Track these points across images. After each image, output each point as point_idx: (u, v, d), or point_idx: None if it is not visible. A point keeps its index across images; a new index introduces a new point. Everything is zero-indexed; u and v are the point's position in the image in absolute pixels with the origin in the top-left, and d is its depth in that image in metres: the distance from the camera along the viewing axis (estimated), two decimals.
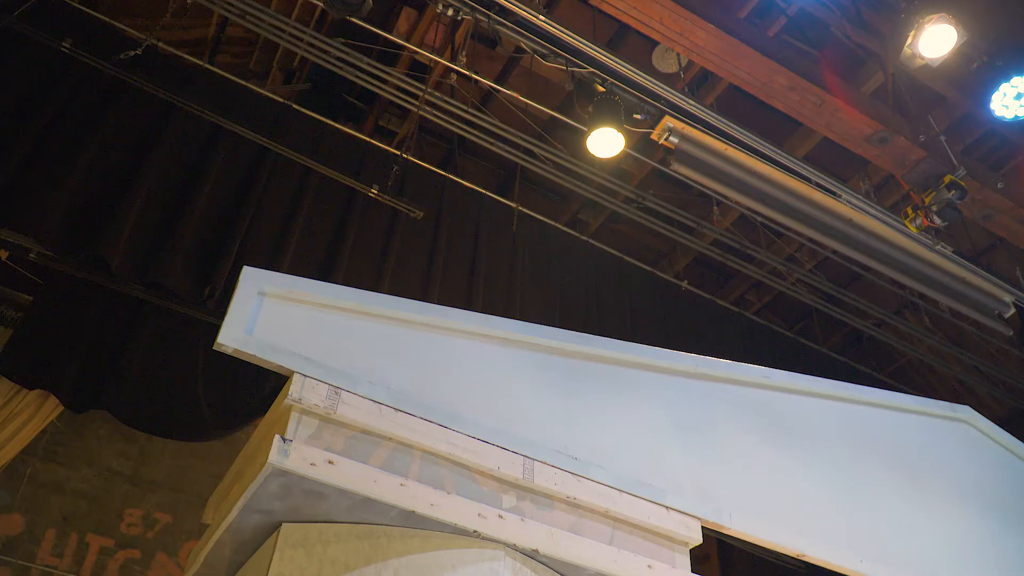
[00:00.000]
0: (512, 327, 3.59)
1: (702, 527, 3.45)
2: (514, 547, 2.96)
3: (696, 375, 3.95)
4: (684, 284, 7.63)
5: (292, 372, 2.91)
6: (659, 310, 7.35)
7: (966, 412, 4.81)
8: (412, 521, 2.87)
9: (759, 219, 7.31)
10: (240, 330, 2.89)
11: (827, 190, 6.04)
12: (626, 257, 7.46)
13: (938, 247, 6.08)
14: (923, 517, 4.30)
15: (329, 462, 2.77)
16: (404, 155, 6.21)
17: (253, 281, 3.02)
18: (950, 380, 8.62)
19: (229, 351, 2.86)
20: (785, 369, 4.35)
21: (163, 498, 6.55)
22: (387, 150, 6.46)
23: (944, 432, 4.74)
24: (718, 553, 8.81)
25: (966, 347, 8.19)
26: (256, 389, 5.68)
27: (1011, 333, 6.65)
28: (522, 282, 6.49)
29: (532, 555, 2.99)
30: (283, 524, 2.88)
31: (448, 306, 3.57)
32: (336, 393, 2.93)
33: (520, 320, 3.69)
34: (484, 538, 2.92)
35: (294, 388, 2.87)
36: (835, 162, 7.07)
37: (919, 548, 4.13)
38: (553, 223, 7.20)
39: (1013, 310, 6.39)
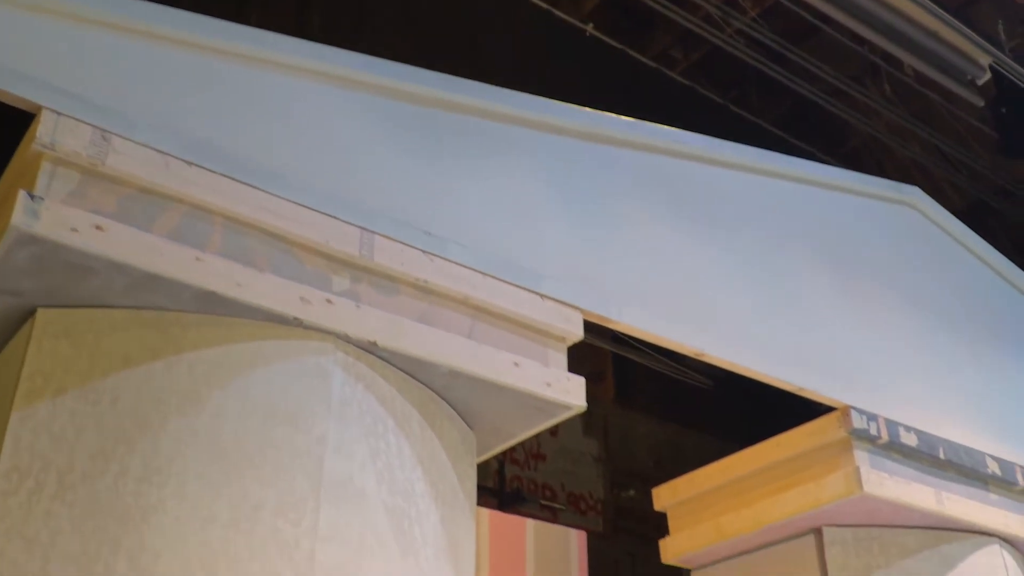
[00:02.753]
0: (354, 63, 3.55)
1: (584, 320, 3.67)
2: (346, 338, 3.07)
3: (589, 136, 4.04)
4: (589, 29, 7.57)
5: (40, 107, 2.79)
6: (555, 61, 7.34)
7: (913, 194, 5.18)
8: (212, 305, 2.91)
9: None
10: None
11: None
12: None
13: None
14: (852, 315, 4.71)
15: (97, 228, 2.74)
16: None
17: None
18: (907, 166, 9.16)
19: None
20: None
21: None
22: None
23: (885, 217, 5.10)
24: (614, 371, 9.46)
25: (931, 124, 8.64)
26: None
27: (982, 104, 7.04)
28: (372, 9, 6.30)
29: (370, 348, 3.12)
30: (39, 309, 2.88)
31: (267, 30, 3.45)
32: (105, 138, 2.85)
33: (366, 56, 3.62)
34: (307, 327, 3.01)
35: (44, 129, 2.76)
36: None
37: (844, 350, 4.57)
38: None
39: (988, 75, 6.73)
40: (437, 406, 3.38)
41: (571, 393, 3.48)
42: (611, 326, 3.79)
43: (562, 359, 3.57)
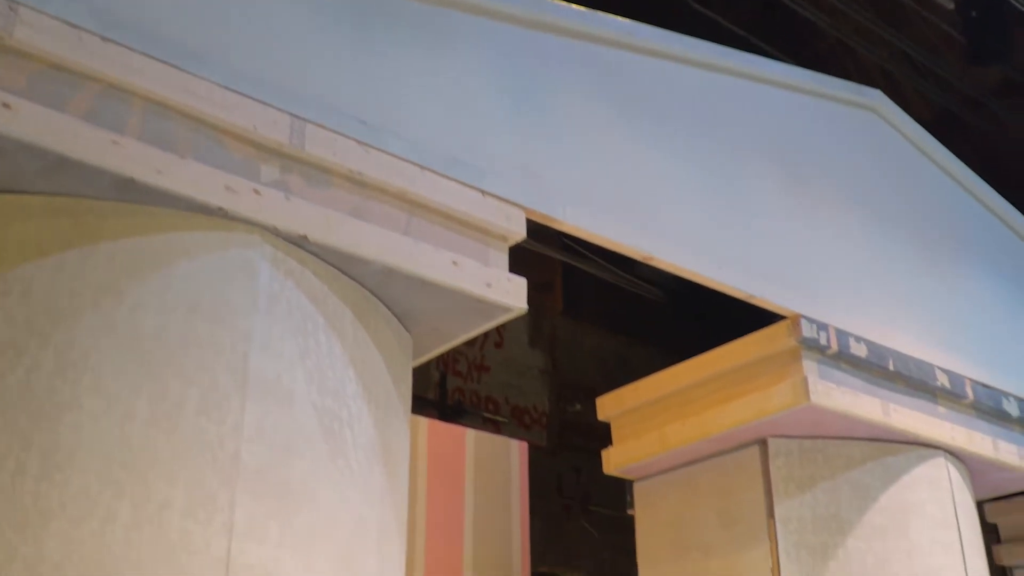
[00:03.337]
0: None
1: (528, 221, 3.68)
2: (275, 231, 3.05)
3: (537, 24, 3.99)
4: None
5: None
6: None
7: (875, 97, 5.21)
8: (131, 193, 2.87)
9: None
10: None
11: None
12: None
13: None
14: (805, 222, 4.78)
15: (5, 105, 2.67)
16: None
17: None
18: (874, 72, 9.21)
19: None
20: None
21: None
22: None
23: (845, 121, 5.14)
24: (563, 282, 9.55)
25: (899, 29, 8.67)
26: None
27: (951, 6, 7.07)
28: None
29: (299, 242, 3.11)
30: None
31: None
32: (12, 9, 2.76)
33: None
34: (233, 218, 2.98)
35: None
36: None
37: (796, 258, 4.64)
38: None
39: None
40: (371, 305, 3.39)
41: (511, 294, 3.50)
42: (555, 226, 3.80)
43: (503, 259, 3.58)
